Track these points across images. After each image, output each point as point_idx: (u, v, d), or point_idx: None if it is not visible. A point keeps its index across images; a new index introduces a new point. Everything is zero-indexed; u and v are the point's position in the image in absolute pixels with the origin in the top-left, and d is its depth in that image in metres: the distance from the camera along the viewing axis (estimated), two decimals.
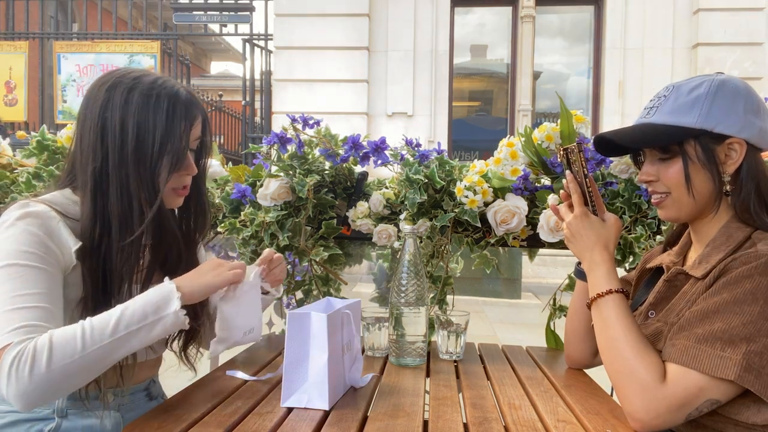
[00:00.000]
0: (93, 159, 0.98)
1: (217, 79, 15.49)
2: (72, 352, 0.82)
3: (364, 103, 7.03)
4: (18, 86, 7.19)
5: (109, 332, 0.85)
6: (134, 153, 0.98)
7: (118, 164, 0.98)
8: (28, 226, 0.91)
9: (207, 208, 1.19)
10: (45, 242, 0.92)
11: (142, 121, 0.98)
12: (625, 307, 0.98)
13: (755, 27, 6.66)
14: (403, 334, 1.23)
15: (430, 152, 1.55)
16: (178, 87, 1.04)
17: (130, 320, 0.87)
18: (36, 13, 7.57)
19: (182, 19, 7.08)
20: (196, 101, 1.06)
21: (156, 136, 0.99)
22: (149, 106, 0.99)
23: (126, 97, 0.99)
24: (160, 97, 1.00)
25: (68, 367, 0.82)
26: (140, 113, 0.98)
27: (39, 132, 1.78)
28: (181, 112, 1.01)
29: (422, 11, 7.05)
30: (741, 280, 0.87)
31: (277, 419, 0.89)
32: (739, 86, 0.97)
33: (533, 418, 0.94)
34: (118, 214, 0.98)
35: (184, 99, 1.03)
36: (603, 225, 1.08)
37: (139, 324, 0.87)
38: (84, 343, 0.83)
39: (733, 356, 0.83)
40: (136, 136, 0.98)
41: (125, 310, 0.88)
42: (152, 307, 0.89)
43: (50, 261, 0.92)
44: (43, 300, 0.88)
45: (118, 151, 0.98)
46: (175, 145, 1.00)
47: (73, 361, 0.82)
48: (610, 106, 7.02)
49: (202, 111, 1.08)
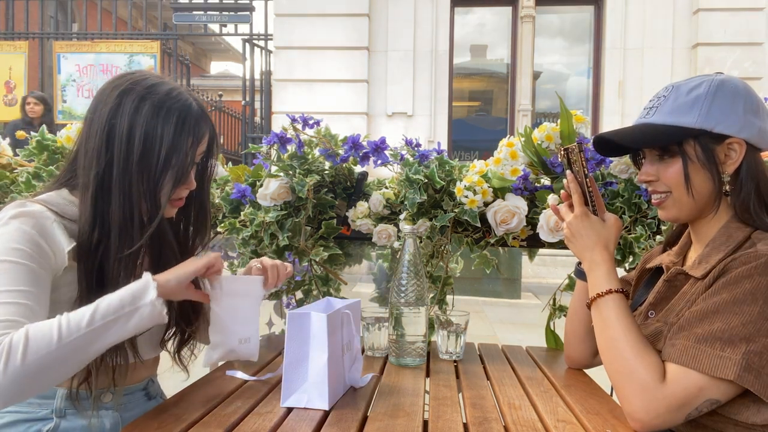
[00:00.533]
0: (97, 163, 0.98)
1: (216, 79, 15.49)
2: (48, 344, 0.81)
3: (364, 103, 7.03)
4: (18, 86, 7.19)
5: (86, 323, 0.84)
6: (139, 163, 0.98)
7: (122, 172, 0.98)
8: (22, 225, 0.91)
9: (208, 220, 1.18)
10: (36, 241, 0.91)
11: (150, 132, 0.98)
12: (625, 307, 0.98)
13: (755, 27, 6.66)
14: (403, 334, 1.23)
15: (430, 152, 1.55)
16: (191, 101, 1.03)
17: (106, 311, 0.86)
18: (36, 13, 7.57)
19: (182, 19, 7.08)
20: (206, 117, 1.06)
21: (162, 149, 0.98)
22: (159, 118, 0.98)
23: (137, 105, 0.98)
24: (171, 111, 0.99)
25: (44, 360, 0.81)
26: (149, 124, 0.98)
27: (39, 132, 1.78)
28: (189, 127, 1.01)
29: (422, 11, 7.05)
30: (741, 280, 0.87)
31: (276, 419, 0.89)
32: (738, 86, 0.97)
33: (533, 418, 0.94)
34: (118, 221, 0.98)
35: (194, 114, 1.02)
36: (603, 225, 1.08)
37: (115, 314, 0.86)
38: (60, 334, 0.82)
39: (733, 356, 0.83)
40: (143, 146, 0.98)
41: (101, 302, 0.87)
42: (129, 297, 0.88)
43: (39, 260, 0.92)
44: (26, 297, 0.88)
45: (124, 159, 0.97)
46: (180, 159, 1.00)
47: (49, 353, 0.81)
48: (609, 106, 7.02)
49: (211, 127, 1.07)
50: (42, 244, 0.92)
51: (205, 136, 1.06)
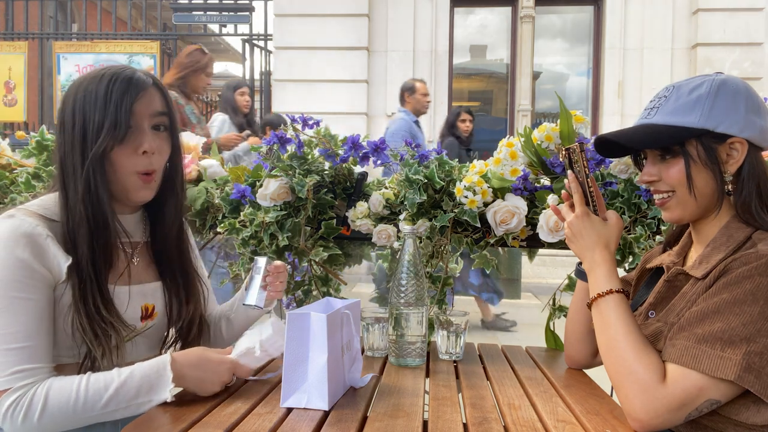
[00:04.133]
0: (57, 153, 1.02)
1: (216, 79, 15.47)
2: (64, 411, 0.90)
3: (363, 104, 7.03)
4: (17, 86, 7.18)
5: (101, 406, 0.91)
6: (80, 132, 0.99)
7: (71, 149, 1.00)
8: (16, 249, 0.92)
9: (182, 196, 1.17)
10: (33, 267, 0.94)
11: (87, 103, 1.00)
12: (625, 307, 0.98)
13: (754, 27, 6.66)
14: (403, 334, 1.23)
15: (430, 152, 1.55)
16: (127, 69, 1.03)
17: (122, 399, 0.93)
18: (35, 13, 7.56)
19: (182, 20, 7.08)
20: (142, 76, 1.03)
21: (96, 111, 0.99)
22: (91, 90, 1.00)
23: (77, 89, 1.01)
24: (102, 79, 1.00)
25: (57, 423, 0.91)
26: (86, 98, 1.00)
27: (38, 132, 1.78)
28: (121, 86, 1.00)
29: (422, 11, 7.04)
30: (741, 280, 0.87)
31: (276, 419, 0.89)
32: (739, 86, 0.97)
33: (533, 418, 0.94)
34: (83, 202, 0.99)
35: (127, 74, 1.02)
36: (604, 225, 1.08)
37: (128, 403, 0.93)
38: (76, 407, 0.90)
39: (733, 356, 0.83)
40: (82, 117, 0.99)
41: (120, 388, 0.92)
42: (146, 388, 0.94)
43: (38, 286, 0.94)
44: (32, 336, 0.92)
45: (69, 136, 1.00)
46: (112, 114, 0.98)
47: (64, 419, 0.91)
48: (609, 106, 7.02)
49: (156, 85, 1.05)
50: (37, 268, 0.94)
51: (143, 90, 1.02)
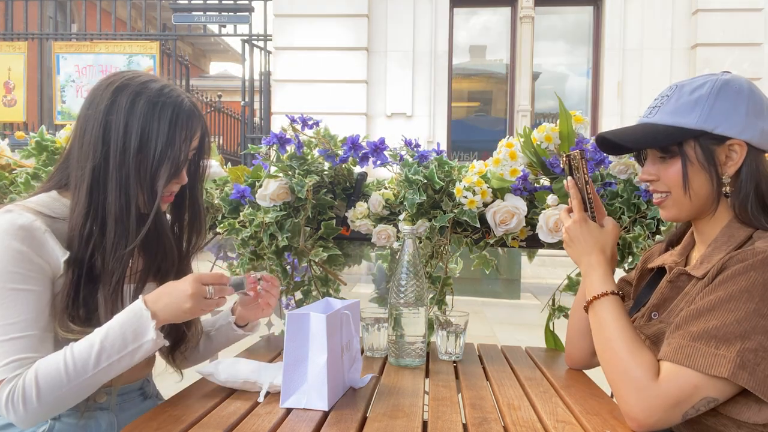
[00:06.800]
0: (93, 156, 1.00)
1: (216, 79, 15.50)
2: (59, 384, 0.89)
3: (363, 104, 7.03)
4: (17, 87, 7.17)
5: (92, 365, 0.90)
6: (137, 156, 1.01)
7: (119, 165, 1.00)
8: (14, 242, 0.93)
9: (203, 220, 1.20)
10: (31, 258, 0.94)
11: (146, 126, 1.01)
12: (620, 308, 0.99)
13: (754, 27, 6.67)
14: (403, 334, 1.23)
15: (429, 153, 1.55)
16: (184, 98, 1.06)
17: (111, 351, 0.91)
18: (35, 14, 7.56)
19: (181, 20, 7.07)
20: (198, 114, 1.09)
21: (158, 142, 1.01)
22: (154, 113, 1.01)
23: (132, 100, 1.01)
24: (165, 106, 1.02)
25: (58, 397, 0.90)
26: (145, 118, 1.01)
27: (38, 132, 1.78)
28: (182, 122, 1.04)
29: (421, 12, 7.05)
30: (736, 277, 0.87)
31: (276, 420, 0.89)
32: (743, 86, 0.96)
33: (532, 418, 0.94)
34: (114, 213, 1.00)
35: (187, 110, 1.05)
36: (601, 231, 1.09)
37: (119, 354, 0.92)
38: (68, 376, 0.89)
39: (727, 354, 0.83)
40: (139, 139, 1.00)
41: (104, 341, 0.91)
42: (131, 334, 0.92)
43: (37, 278, 0.94)
44: (30, 327, 0.92)
45: (120, 153, 1.00)
46: (174, 153, 1.03)
47: (62, 392, 0.90)
48: (609, 106, 7.02)
49: (203, 124, 1.10)
50: (36, 260, 0.94)
51: (197, 132, 1.08)
